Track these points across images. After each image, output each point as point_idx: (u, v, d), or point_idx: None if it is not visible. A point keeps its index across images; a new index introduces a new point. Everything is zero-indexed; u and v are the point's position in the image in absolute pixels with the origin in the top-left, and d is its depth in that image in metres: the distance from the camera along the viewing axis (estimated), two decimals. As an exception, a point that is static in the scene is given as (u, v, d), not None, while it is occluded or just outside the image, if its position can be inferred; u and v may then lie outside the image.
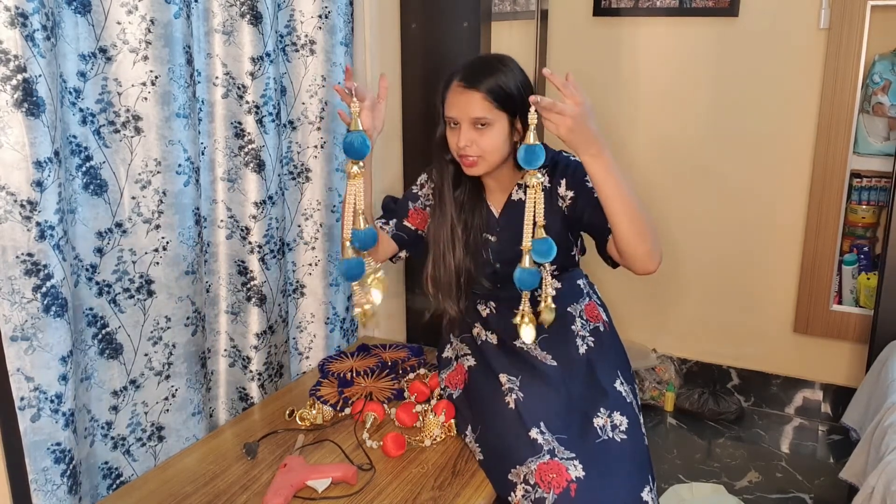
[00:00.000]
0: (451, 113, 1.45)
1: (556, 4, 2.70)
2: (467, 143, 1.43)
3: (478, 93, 1.41)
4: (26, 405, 1.20)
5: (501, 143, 1.45)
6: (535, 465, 1.32)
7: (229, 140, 1.61)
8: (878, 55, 2.36)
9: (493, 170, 1.49)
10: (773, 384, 2.68)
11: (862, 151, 2.42)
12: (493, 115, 1.42)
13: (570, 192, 1.51)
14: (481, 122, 1.42)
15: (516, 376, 1.49)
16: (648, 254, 1.35)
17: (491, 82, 1.42)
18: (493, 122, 1.43)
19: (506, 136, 1.45)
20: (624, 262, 1.41)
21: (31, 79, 1.13)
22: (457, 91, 1.44)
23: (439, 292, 1.56)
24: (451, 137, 1.47)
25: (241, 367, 1.72)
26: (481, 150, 1.44)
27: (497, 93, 1.42)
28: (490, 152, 1.44)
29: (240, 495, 1.35)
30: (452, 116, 1.45)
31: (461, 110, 1.43)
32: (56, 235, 1.20)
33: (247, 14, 1.55)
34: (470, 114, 1.42)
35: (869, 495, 1.56)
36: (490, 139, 1.43)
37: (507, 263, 1.56)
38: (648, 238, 1.34)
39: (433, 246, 1.56)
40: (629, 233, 1.33)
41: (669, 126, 2.63)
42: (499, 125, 1.43)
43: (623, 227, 1.33)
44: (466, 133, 1.43)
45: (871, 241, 2.56)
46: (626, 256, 1.38)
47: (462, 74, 1.44)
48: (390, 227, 1.63)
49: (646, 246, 1.34)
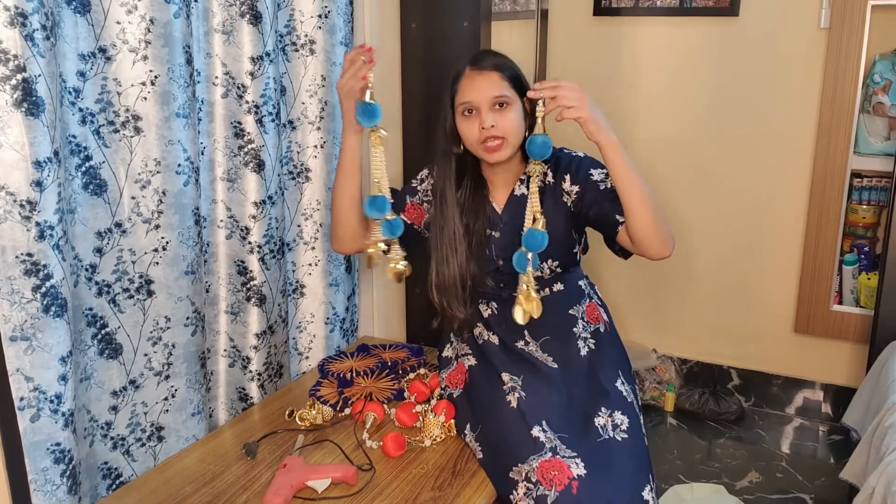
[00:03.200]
0: (468, 97, 1.45)
1: (556, 4, 2.70)
2: (492, 122, 1.44)
3: (494, 72, 1.46)
4: (26, 405, 1.19)
5: (520, 124, 1.48)
6: (536, 463, 1.32)
7: (229, 140, 1.61)
8: (879, 55, 2.36)
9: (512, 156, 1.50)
10: (774, 384, 2.68)
11: (862, 151, 2.42)
12: (511, 93, 1.46)
13: (575, 186, 1.51)
14: (501, 102, 1.44)
15: (518, 376, 1.49)
16: (664, 238, 1.40)
17: (502, 63, 1.48)
18: (512, 102, 1.46)
19: (521, 116, 1.49)
20: (639, 250, 1.43)
21: (31, 78, 1.12)
22: (471, 76, 1.46)
23: (444, 298, 1.56)
24: (469, 126, 1.47)
25: (240, 368, 1.72)
26: (504, 131, 1.45)
27: (510, 71, 1.47)
28: (512, 133, 1.46)
29: (240, 495, 1.34)
30: (470, 101, 1.45)
31: (480, 92, 1.45)
32: (56, 235, 1.19)
33: (246, 14, 1.55)
34: (490, 93, 1.44)
35: (869, 495, 1.56)
36: (511, 119, 1.45)
37: (510, 260, 1.56)
38: (662, 223, 1.39)
39: (435, 251, 1.56)
40: (646, 220, 1.37)
41: (669, 126, 2.63)
42: (516, 105, 1.47)
43: (639, 214, 1.36)
44: (488, 115, 1.44)
45: (871, 241, 2.56)
46: (642, 243, 1.40)
47: (472, 61, 1.49)
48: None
49: (661, 231, 1.39)
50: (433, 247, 1.57)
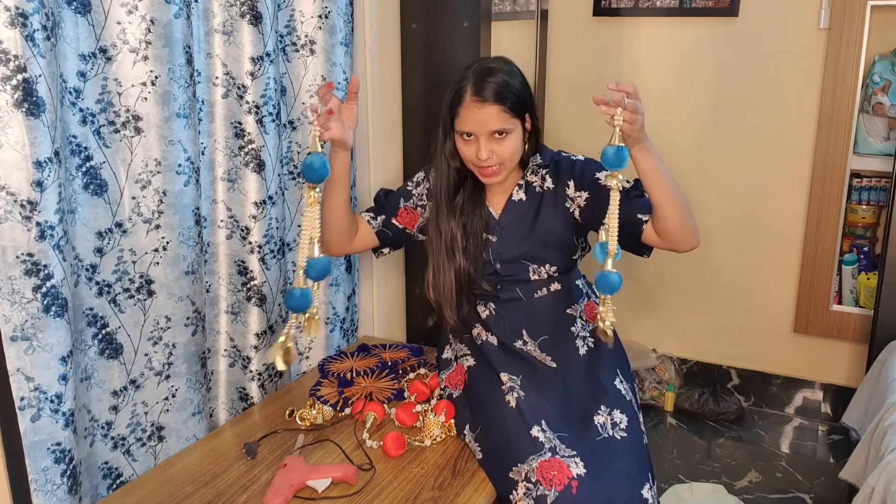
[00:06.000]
0: (466, 128, 1.44)
1: (556, 4, 2.70)
2: (489, 154, 1.44)
3: (495, 106, 1.42)
4: (26, 405, 1.20)
5: (519, 146, 1.48)
6: (536, 463, 1.32)
7: (229, 140, 1.61)
8: (878, 55, 2.36)
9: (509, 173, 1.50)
10: (773, 384, 2.68)
11: (862, 151, 2.42)
12: (511, 123, 1.44)
13: (583, 193, 1.51)
14: (500, 132, 1.44)
15: (517, 375, 1.49)
16: (692, 231, 1.41)
17: (504, 92, 1.42)
18: (511, 130, 1.45)
19: (521, 138, 1.49)
20: (669, 245, 1.44)
21: (31, 79, 1.13)
22: (472, 107, 1.43)
23: (440, 300, 1.57)
24: (467, 149, 1.47)
25: (241, 367, 1.72)
26: (501, 159, 1.46)
27: (512, 101, 1.43)
28: (510, 158, 1.47)
29: (240, 495, 1.35)
30: (469, 131, 1.44)
31: (479, 125, 1.43)
32: (56, 235, 1.20)
33: (247, 14, 1.55)
34: (489, 127, 1.43)
35: (869, 495, 1.56)
36: (509, 146, 1.45)
37: (507, 263, 1.56)
38: (690, 215, 1.40)
39: (432, 257, 1.57)
40: (676, 217, 1.37)
41: (669, 126, 2.63)
42: (516, 131, 1.46)
43: (671, 211, 1.36)
44: (486, 145, 1.44)
45: (871, 241, 2.56)
46: (672, 238, 1.41)
47: (474, 87, 1.42)
48: (377, 223, 1.64)
49: (690, 224, 1.40)
50: (430, 252, 1.58)
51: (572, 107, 2.70)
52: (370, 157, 2.00)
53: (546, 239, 1.54)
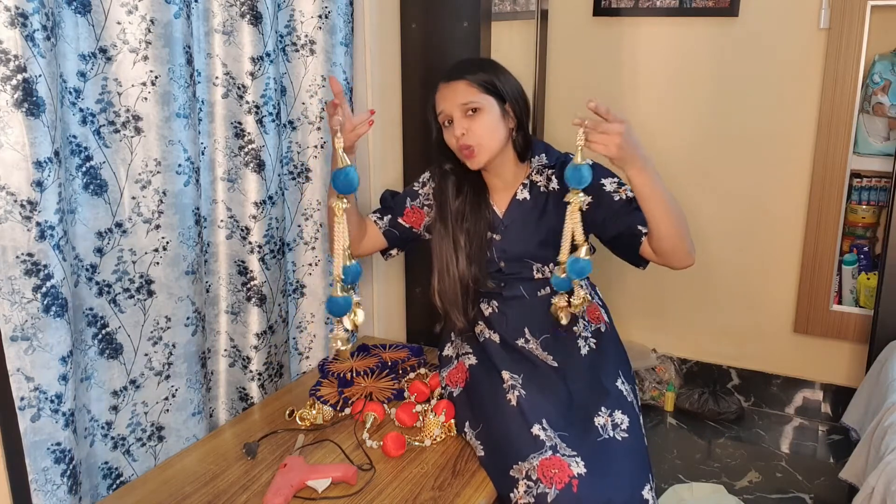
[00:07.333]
0: (440, 107, 1.51)
1: (556, 4, 2.70)
2: (463, 130, 1.47)
3: (461, 81, 1.49)
4: (26, 405, 1.20)
5: (494, 126, 1.49)
6: (537, 461, 1.33)
7: (229, 140, 1.61)
8: (878, 55, 2.36)
9: (493, 158, 1.51)
10: (773, 384, 2.68)
11: (862, 151, 2.43)
12: (481, 98, 1.47)
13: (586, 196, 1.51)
14: (471, 108, 1.47)
15: (518, 374, 1.49)
16: (688, 249, 1.40)
17: (469, 68, 1.51)
18: (483, 106, 1.47)
19: (498, 118, 1.49)
20: (662, 261, 1.44)
21: (31, 79, 1.13)
22: (443, 90, 1.51)
23: (446, 304, 1.58)
24: (448, 137, 1.52)
25: (241, 367, 1.72)
26: (476, 137, 1.47)
27: (479, 77, 1.49)
28: (485, 136, 1.48)
29: (240, 495, 1.35)
30: (442, 111, 1.50)
31: (449, 101, 1.49)
32: (56, 235, 1.20)
33: (247, 14, 1.56)
34: (457, 100, 1.47)
35: (869, 495, 1.56)
36: (482, 123, 1.47)
37: (511, 262, 1.57)
38: (686, 235, 1.39)
39: (437, 260, 1.58)
40: (671, 235, 1.37)
41: (669, 126, 2.63)
42: (489, 109, 1.48)
43: (664, 230, 1.36)
44: (459, 122, 1.48)
45: (871, 241, 2.56)
46: (666, 255, 1.41)
47: (445, 75, 1.52)
48: (383, 223, 1.65)
49: (685, 242, 1.39)
50: (434, 255, 1.58)
51: (572, 107, 2.69)
52: (370, 156, 2.00)
53: (550, 238, 1.54)
